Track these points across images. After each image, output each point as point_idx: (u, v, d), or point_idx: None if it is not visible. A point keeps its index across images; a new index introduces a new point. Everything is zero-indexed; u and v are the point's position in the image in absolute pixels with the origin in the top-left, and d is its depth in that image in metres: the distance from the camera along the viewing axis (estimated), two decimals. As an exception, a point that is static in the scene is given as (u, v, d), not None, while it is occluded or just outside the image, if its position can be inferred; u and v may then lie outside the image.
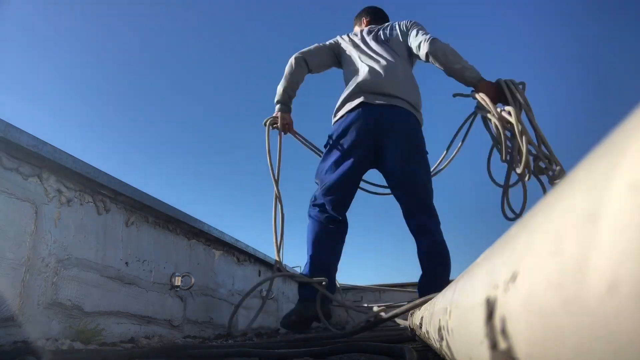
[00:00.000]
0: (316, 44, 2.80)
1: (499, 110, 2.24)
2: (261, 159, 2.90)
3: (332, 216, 2.43)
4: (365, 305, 4.09)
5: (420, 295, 2.27)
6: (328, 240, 2.43)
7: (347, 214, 2.54)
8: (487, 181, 2.63)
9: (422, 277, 2.40)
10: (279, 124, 2.65)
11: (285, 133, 2.70)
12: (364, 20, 2.97)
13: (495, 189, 2.55)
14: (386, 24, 2.85)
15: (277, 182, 2.62)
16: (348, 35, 2.81)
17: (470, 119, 2.62)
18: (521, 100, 2.27)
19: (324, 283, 2.27)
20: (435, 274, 2.34)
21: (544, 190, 2.21)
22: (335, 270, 2.50)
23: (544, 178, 2.21)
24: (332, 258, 2.47)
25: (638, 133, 0.18)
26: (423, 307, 1.25)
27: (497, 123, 2.20)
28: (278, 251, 2.48)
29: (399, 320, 2.15)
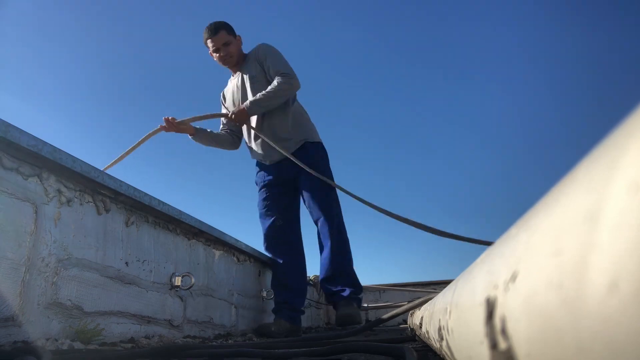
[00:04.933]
0: None
1: None
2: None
3: None
4: (365, 305, 4.09)
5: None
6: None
7: (348, 214, 2.88)
8: (487, 181, 2.65)
9: None
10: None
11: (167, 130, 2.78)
12: None
13: (495, 190, 2.56)
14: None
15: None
16: None
17: None
18: None
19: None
20: None
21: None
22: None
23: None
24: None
25: (638, 133, 0.18)
26: (423, 307, 1.25)
27: None
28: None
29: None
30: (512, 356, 0.27)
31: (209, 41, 2.81)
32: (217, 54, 2.82)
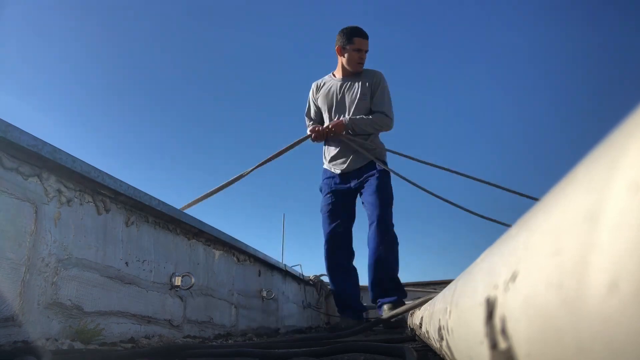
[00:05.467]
0: None
1: None
2: (259, 158, 3.05)
3: None
4: (365, 305, 4.09)
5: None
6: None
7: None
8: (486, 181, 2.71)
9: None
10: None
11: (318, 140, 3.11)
12: None
13: (495, 190, 2.60)
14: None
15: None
16: None
17: None
18: None
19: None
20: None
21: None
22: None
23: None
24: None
25: (638, 133, 0.18)
26: (423, 307, 1.25)
27: None
28: None
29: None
30: (512, 356, 0.27)
31: (361, 41, 3.01)
32: (360, 55, 3.02)
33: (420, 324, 1.20)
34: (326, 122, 3.11)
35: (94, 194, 1.56)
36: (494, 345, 0.31)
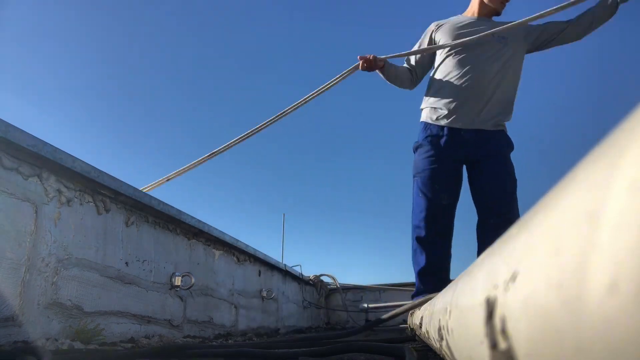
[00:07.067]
0: None
1: None
2: (259, 158, 2.98)
3: None
4: (365, 305, 4.09)
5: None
6: None
7: (346, 212, 2.67)
8: None
9: None
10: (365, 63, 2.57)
11: (370, 69, 2.58)
12: None
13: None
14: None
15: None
16: None
17: None
18: None
19: None
20: None
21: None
22: None
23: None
24: None
25: (638, 133, 0.18)
26: (423, 307, 1.25)
27: None
28: None
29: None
30: (512, 356, 0.27)
31: None
32: None
33: (420, 324, 1.20)
34: (448, 64, 2.51)
35: (94, 194, 1.56)
36: (494, 345, 0.31)
